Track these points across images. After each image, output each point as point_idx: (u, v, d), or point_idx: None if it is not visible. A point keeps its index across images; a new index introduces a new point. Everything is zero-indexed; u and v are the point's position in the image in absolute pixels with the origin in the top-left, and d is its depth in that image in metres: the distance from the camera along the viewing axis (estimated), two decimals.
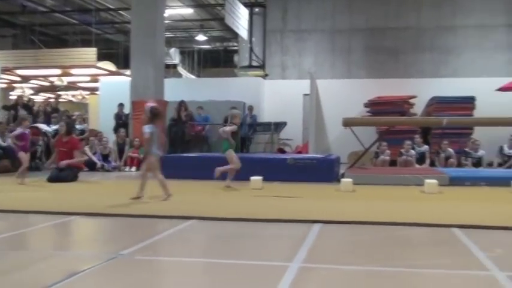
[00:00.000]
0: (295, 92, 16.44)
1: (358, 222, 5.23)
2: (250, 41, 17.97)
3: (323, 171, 9.59)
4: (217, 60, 27.31)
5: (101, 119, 17.06)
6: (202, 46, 26.83)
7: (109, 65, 18.78)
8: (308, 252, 3.97)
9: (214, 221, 5.33)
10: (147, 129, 6.73)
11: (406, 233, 4.81)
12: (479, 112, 14.26)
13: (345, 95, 16.14)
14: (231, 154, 8.22)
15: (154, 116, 6.85)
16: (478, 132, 13.65)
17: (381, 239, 4.56)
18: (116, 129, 14.20)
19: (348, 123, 10.50)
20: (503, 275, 3.34)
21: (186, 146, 14.42)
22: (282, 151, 15.18)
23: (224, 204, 6.57)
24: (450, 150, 12.51)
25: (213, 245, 4.46)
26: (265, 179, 8.47)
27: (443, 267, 3.59)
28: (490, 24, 16.45)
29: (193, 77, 25.94)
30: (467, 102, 14.64)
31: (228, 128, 8.21)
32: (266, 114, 16.70)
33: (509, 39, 16.39)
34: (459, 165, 12.29)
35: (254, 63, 18.22)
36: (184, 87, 16.69)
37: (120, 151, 12.88)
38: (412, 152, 12.36)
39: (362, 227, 5.06)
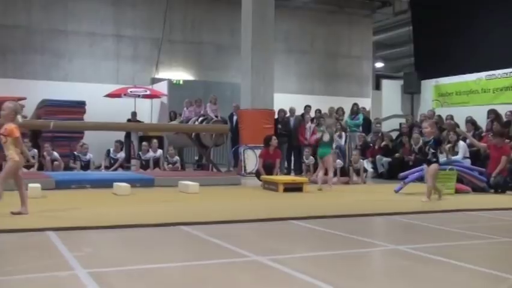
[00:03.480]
0: None
1: None
2: None
3: None
4: None
5: None
6: None
7: None
8: None
9: None
10: None
11: None
12: (89, 117, 14.61)
13: None
14: (331, 158, 9.26)
15: None
16: (89, 136, 13.99)
17: None
18: None
19: None
20: (84, 272, 3.48)
21: None
22: None
23: None
24: (55, 153, 12.41)
25: None
26: None
27: (30, 271, 3.53)
28: (99, 32, 17.06)
29: None
30: (78, 107, 14.83)
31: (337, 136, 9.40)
32: None
33: (118, 48, 17.34)
34: (68, 168, 12.36)
35: None
36: None
37: None
38: None
39: None
